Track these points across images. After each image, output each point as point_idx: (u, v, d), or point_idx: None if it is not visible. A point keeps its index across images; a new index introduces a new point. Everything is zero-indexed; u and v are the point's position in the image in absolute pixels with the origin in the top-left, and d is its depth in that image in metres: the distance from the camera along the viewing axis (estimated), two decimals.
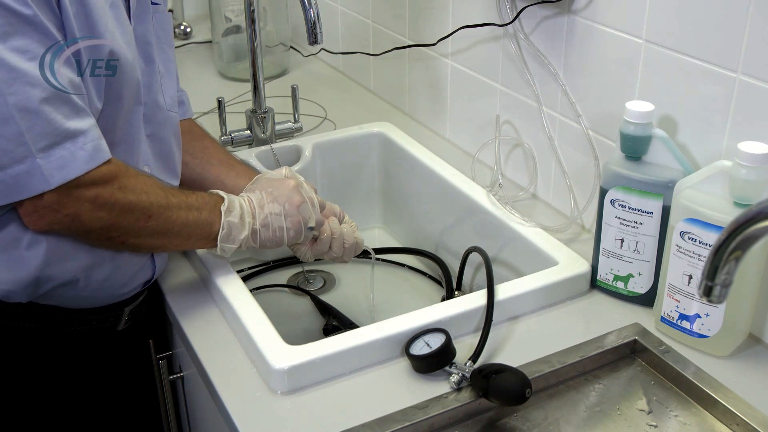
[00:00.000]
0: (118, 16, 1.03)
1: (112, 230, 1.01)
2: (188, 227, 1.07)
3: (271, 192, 1.15)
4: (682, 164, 1.07)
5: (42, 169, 0.92)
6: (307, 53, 2.07)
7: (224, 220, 1.10)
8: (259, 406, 0.98)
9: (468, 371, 0.99)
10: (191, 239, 1.10)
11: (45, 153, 0.92)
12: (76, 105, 0.94)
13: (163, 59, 1.16)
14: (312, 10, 1.31)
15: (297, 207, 1.14)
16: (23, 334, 1.09)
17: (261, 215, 1.12)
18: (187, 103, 1.32)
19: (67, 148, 0.93)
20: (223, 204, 1.11)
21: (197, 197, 1.09)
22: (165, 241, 1.08)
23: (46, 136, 0.92)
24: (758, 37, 0.97)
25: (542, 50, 1.30)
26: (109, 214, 0.99)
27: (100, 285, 1.10)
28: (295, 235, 1.15)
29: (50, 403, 1.14)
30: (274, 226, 1.13)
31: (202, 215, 1.08)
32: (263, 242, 1.13)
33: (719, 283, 0.76)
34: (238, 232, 1.11)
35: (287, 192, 1.15)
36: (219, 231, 1.10)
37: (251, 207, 1.13)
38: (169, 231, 1.06)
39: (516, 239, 1.26)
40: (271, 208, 1.13)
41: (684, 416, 0.99)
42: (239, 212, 1.11)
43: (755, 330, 1.07)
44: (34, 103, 0.90)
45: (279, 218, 1.13)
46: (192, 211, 1.07)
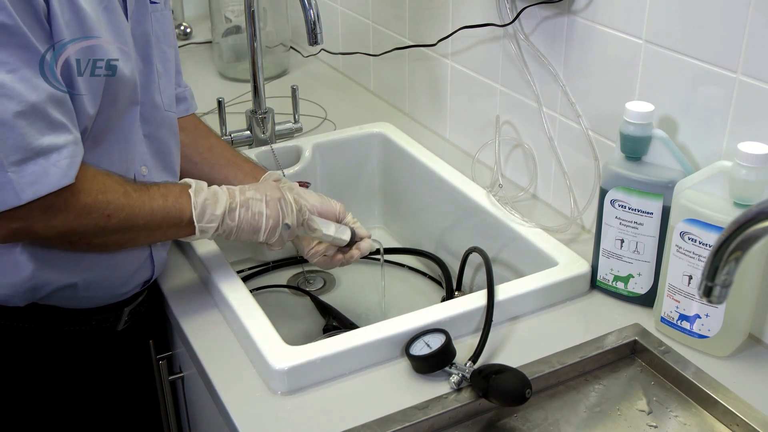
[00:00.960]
0: (112, 19, 1.02)
1: (71, 235, 0.99)
2: (154, 217, 1.03)
3: (254, 185, 1.13)
4: (682, 165, 1.07)
5: (14, 183, 0.90)
6: (307, 53, 2.07)
7: (194, 200, 1.06)
8: (259, 406, 0.98)
9: (468, 372, 0.99)
10: (161, 229, 1.06)
11: (17, 167, 0.90)
12: (53, 120, 0.92)
13: (162, 59, 1.15)
14: (312, 10, 1.31)
15: (277, 199, 1.11)
16: (23, 335, 1.09)
17: (241, 197, 1.09)
18: (190, 99, 1.32)
19: (40, 164, 0.91)
20: (191, 188, 1.07)
21: (160, 187, 1.06)
22: (132, 235, 1.04)
23: (18, 150, 0.90)
24: (758, 38, 0.97)
25: (542, 50, 1.30)
26: (64, 221, 0.96)
27: (98, 286, 1.10)
28: (273, 225, 1.10)
29: (50, 403, 1.14)
30: (253, 210, 1.09)
31: (167, 202, 1.04)
32: (241, 223, 1.09)
33: (719, 283, 0.76)
34: (213, 207, 1.07)
35: (268, 187, 1.13)
36: (191, 213, 1.06)
37: (228, 190, 1.10)
38: (134, 226, 1.02)
39: (516, 239, 1.26)
40: (251, 194, 1.10)
41: (684, 416, 0.99)
42: (211, 191, 1.08)
43: (755, 330, 1.07)
44: (7, 115, 0.88)
45: (260, 203, 1.10)
46: (155, 200, 1.04)
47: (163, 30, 1.16)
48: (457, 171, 1.43)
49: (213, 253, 1.19)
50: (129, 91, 1.05)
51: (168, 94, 1.17)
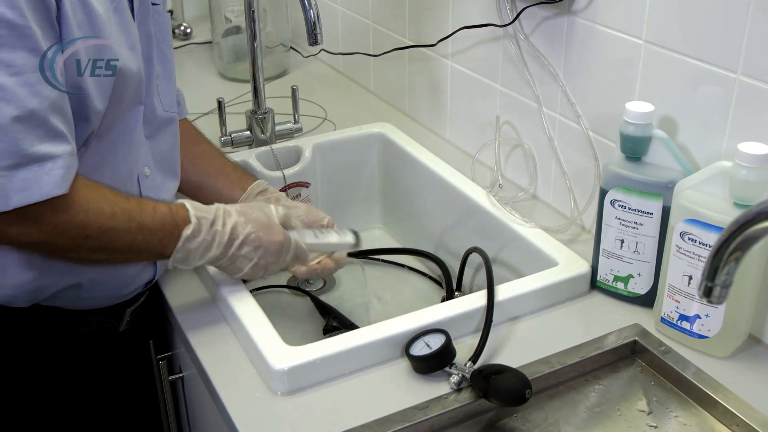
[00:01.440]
0: (122, 20, 1.02)
1: (45, 246, 0.97)
2: (135, 247, 1.01)
3: (260, 237, 1.07)
4: (682, 165, 1.07)
5: (3, 188, 0.88)
6: (307, 54, 2.07)
7: (181, 245, 1.02)
8: (259, 406, 0.98)
9: (468, 372, 0.99)
10: (140, 256, 1.06)
11: (8, 172, 0.88)
12: (52, 128, 0.91)
13: (161, 60, 1.15)
14: (312, 10, 1.31)
15: (266, 265, 1.09)
16: (24, 336, 1.09)
17: (234, 251, 1.06)
18: (182, 104, 1.32)
19: (33, 171, 0.89)
20: (187, 228, 1.02)
21: (156, 215, 1.01)
22: (110, 256, 1.03)
23: (11, 155, 0.88)
24: (758, 38, 0.97)
25: (542, 51, 1.30)
26: (39, 233, 0.94)
27: (101, 287, 1.10)
28: (249, 277, 1.10)
29: (51, 403, 1.14)
30: (237, 265, 1.07)
31: (155, 237, 1.01)
32: (218, 267, 1.09)
33: (719, 283, 0.76)
34: (195, 259, 1.05)
35: (271, 247, 1.08)
36: (173, 253, 1.03)
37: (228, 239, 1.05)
38: (112, 249, 1.00)
39: (516, 240, 1.26)
40: (247, 251, 1.07)
41: (684, 417, 0.99)
42: (206, 239, 1.04)
43: (755, 331, 1.07)
44: (4, 119, 0.87)
45: (247, 263, 1.07)
46: (143, 232, 1.00)
47: (162, 31, 1.16)
48: (457, 171, 1.43)
49: None
50: (134, 91, 1.05)
51: (168, 95, 1.17)
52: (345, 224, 1.62)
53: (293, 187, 1.51)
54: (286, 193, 1.50)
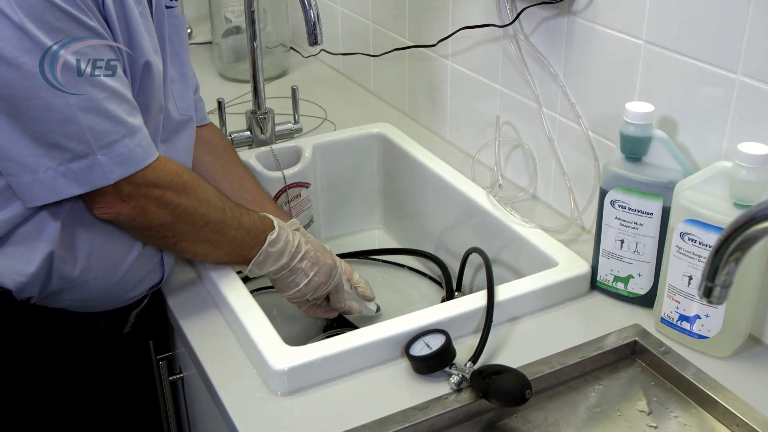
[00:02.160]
0: (147, 26, 1.05)
1: (169, 230, 1.05)
2: (233, 244, 1.11)
3: (317, 257, 1.18)
4: (682, 165, 1.07)
5: (102, 165, 0.95)
6: (307, 54, 2.07)
7: (265, 248, 1.12)
8: (259, 406, 0.98)
9: (468, 372, 0.99)
10: (231, 255, 1.13)
11: (107, 149, 0.95)
12: (131, 102, 0.98)
13: (177, 63, 1.16)
14: (312, 11, 1.31)
15: (318, 285, 1.18)
16: (29, 338, 1.08)
17: (297, 263, 1.15)
18: (203, 110, 1.33)
19: (126, 145, 0.96)
20: (272, 233, 1.13)
21: (250, 219, 1.12)
22: (210, 250, 1.11)
23: (108, 133, 0.95)
24: (758, 38, 0.97)
25: (542, 51, 1.30)
26: (171, 214, 1.03)
27: (110, 288, 1.10)
28: (299, 296, 1.18)
29: (52, 404, 1.14)
30: (295, 279, 1.16)
31: (248, 237, 1.12)
32: (277, 279, 1.17)
33: (719, 284, 0.76)
34: (272, 263, 1.14)
35: (323, 268, 1.18)
36: (255, 256, 1.12)
37: (296, 250, 1.16)
38: (217, 242, 1.10)
39: (516, 240, 1.26)
40: (306, 266, 1.16)
41: (684, 417, 0.99)
42: (282, 246, 1.14)
43: (755, 331, 1.07)
44: (96, 101, 0.93)
45: (303, 278, 1.16)
46: (242, 231, 1.10)
47: (177, 34, 1.16)
48: (457, 171, 1.43)
49: None
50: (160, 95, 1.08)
51: (184, 98, 1.17)
52: (345, 224, 1.63)
53: (293, 187, 1.51)
54: (286, 193, 1.50)
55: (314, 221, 1.57)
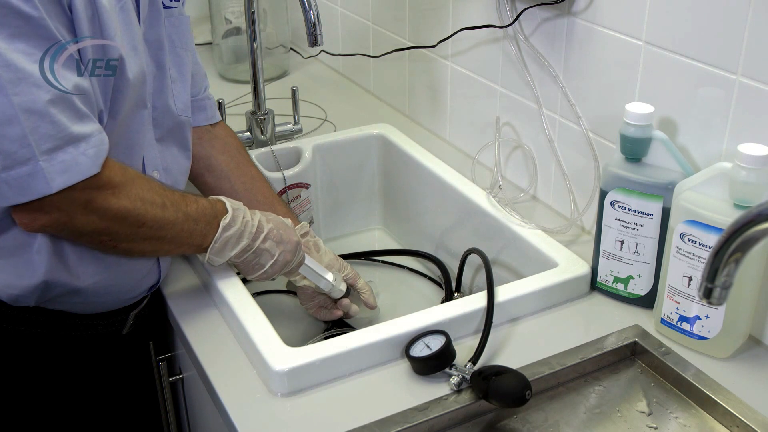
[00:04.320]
0: (126, 20, 1.02)
1: (103, 234, 1.00)
2: (181, 236, 1.06)
3: (280, 234, 1.14)
4: (682, 166, 1.07)
5: (44, 172, 0.90)
6: (307, 55, 2.07)
7: (220, 234, 1.08)
8: (259, 407, 0.98)
9: (468, 373, 0.99)
10: (182, 246, 1.09)
11: (48, 156, 0.90)
12: (79, 109, 0.93)
13: (177, 63, 1.15)
14: (312, 11, 1.31)
15: (284, 263, 1.14)
16: (29, 339, 1.08)
17: (260, 244, 1.11)
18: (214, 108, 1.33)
19: (70, 153, 0.92)
20: (225, 217, 1.09)
21: (198, 207, 1.07)
22: (156, 246, 1.07)
23: (50, 138, 0.90)
24: (758, 40, 0.97)
25: (542, 52, 1.30)
26: (101, 219, 0.97)
27: (107, 290, 1.10)
28: (266, 277, 1.15)
29: (52, 404, 1.14)
30: (260, 260, 1.13)
31: (197, 227, 1.07)
32: (242, 263, 1.13)
33: (719, 285, 0.76)
34: (230, 249, 1.10)
35: (288, 246, 1.14)
36: (211, 243, 1.08)
37: (256, 230, 1.12)
38: (161, 238, 1.04)
39: (516, 241, 1.26)
40: (270, 246, 1.12)
41: (684, 418, 0.99)
42: (240, 228, 1.10)
43: (755, 332, 1.07)
44: (40, 104, 0.89)
45: (269, 259, 1.13)
46: (188, 222, 1.05)
47: (179, 34, 1.16)
48: (457, 172, 1.43)
49: None
50: (136, 94, 1.05)
51: (182, 99, 1.17)
52: (345, 225, 1.63)
53: (293, 188, 1.51)
54: (286, 194, 1.50)
55: (314, 222, 1.57)
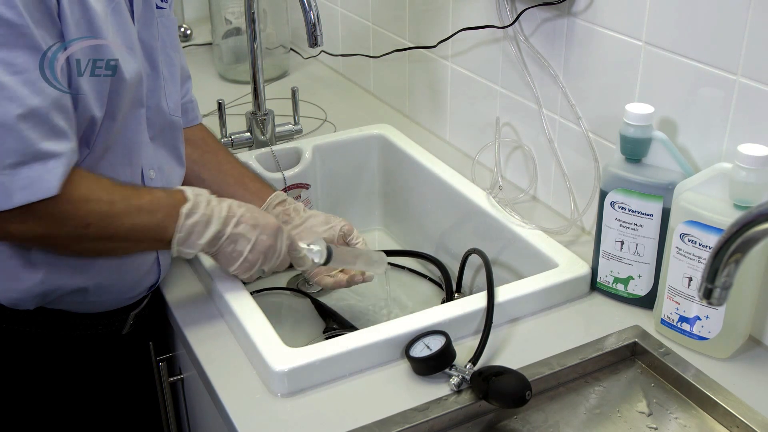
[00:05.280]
0: (120, 21, 1.02)
1: (48, 240, 0.97)
2: (135, 232, 1.01)
3: (255, 218, 1.08)
4: (682, 166, 1.07)
5: (5, 186, 0.88)
6: (307, 55, 2.07)
7: (182, 223, 1.02)
8: (259, 408, 0.98)
9: (468, 373, 0.99)
10: (142, 243, 1.04)
11: (11, 170, 0.88)
12: (54, 126, 0.91)
13: (167, 63, 1.15)
14: (312, 12, 1.31)
15: (266, 248, 1.08)
16: (28, 339, 1.09)
17: (233, 229, 1.06)
18: (196, 110, 1.32)
19: (35, 170, 0.89)
20: (185, 205, 1.03)
21: (152, 198, 1.02)
22: (112, 245, 1.02)
23: (15, 153, 0.88)
24: (758, 40, 0.97)
25: (542, 52, 1.30)
26: (41, 226, 0.94)
27: (107, 290, 1.10)
28: (248, 267, 1.08)
29: (52, 404, 1.14)
30: (237, 247, 1.06)
31: (154, 218, 1.01)
32: (219, 252, 1.07)
33: (719, 285, 0.76)
34: (198, 236, 1.03)
35: (266, 229, 1.08)
36: (175, 234, 1.02)
37: (227, 214, 1.06)
38: (113, 236, 0.99)
39: (516, 241, 1.26)
40: (245, 229, 1.06)
41: (684, 418, 0.99)
42: (205, 216, 1.04)
43: (755, 332, 1.07)
44: (8, 117, 0.87)
45: (246, 244, 1.07)
46: (142, 215, 1.00)
47: (169, 35, 1.16)
48: (457, 173, 1.43)
49: None
50: (133, 94, 1.05)
51: (173, 98, 1.17)
52: None
53: (293, 188, 1.51)
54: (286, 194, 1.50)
55: None
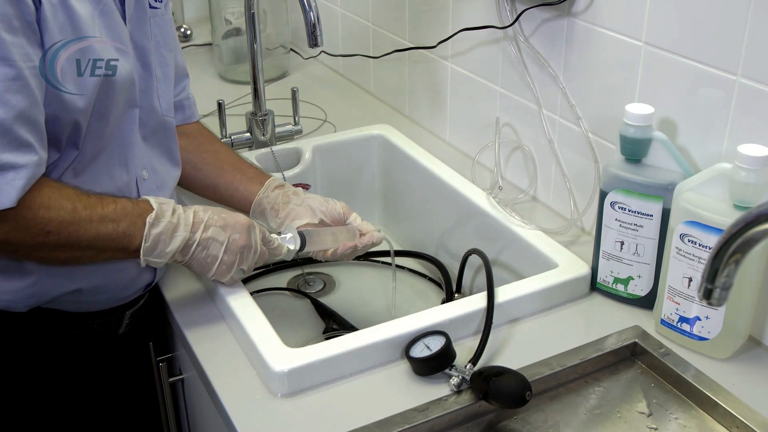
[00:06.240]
0: (108, 22, 1.02)
1: (9, 246, 0.96)
2: (99, 241, 0.99)
3: (224, 218, 1.07)
4: (682, 167, 1.07)
5: None
6: (307, 56, 2.07)
7: (147, 231, 1.01)
8: (259, 408, 0.98)
9: (468, 374, 0.99)
10: (107, 252, 1.01)
11: None
12: (17, 138, 0.90)
13: (161, 63, 1.15)
14: (312, 12, 1.31)
15: (240, 247, 1.07)
16: (25, 338, 1.09)
17: (203, 234, 1.05)
18: (194, 108, 1.32)
19: None
20: (150, 214, 1.02)
21: (117, 207, 1.01)
22: (75, 254, 1.00)
23: None
24: (758, 40, 0.97)
25: (542, 53, 1.30)
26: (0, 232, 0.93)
27: (100, 290, 1.10)
28: (226, 271, 1.08)
29: (51, 405, 1.14)
30: (210, 252, 1.06)
31: (119, 227, 1.00)
32: (192, 260, 1.06)
33: (719, 285, 0.76)
34: (165, 245, 1.03)
35: (237, 227, 1.07)
36: (141, 243, 1.01)
37: (194, 220, 1.05)
38: (75, 245, 0.98)
39: (516, 242, 1.26)
40: (215, 233, 1.05)
41: (684, 419, 0.99)
42: (171, 225, 1.03)
43: (755, 332, 1.07)
44: None
45: (219, 247, 1.06)
46: (106, 223, 0.99)
47: (163, 35, 1.15)
48: (457, 173, 1.43)
49: None
50: (126, 94, 1.05)
51: (166, 99, 1.17)
52: None
53: None
54: None
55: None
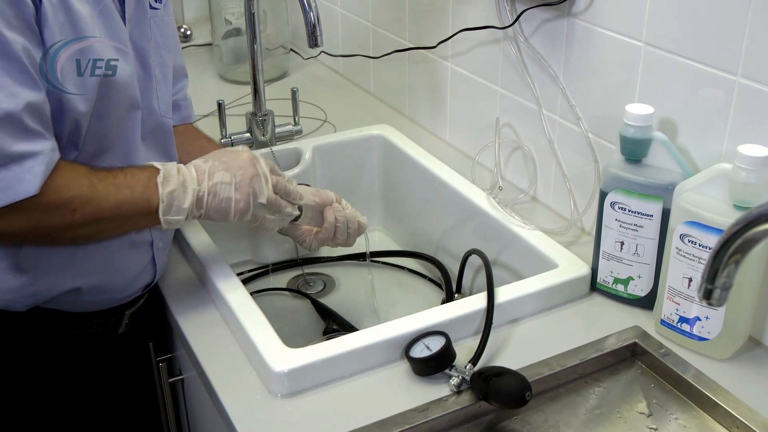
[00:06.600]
0: (108, 23, 1.02)
1: (38, 231, 0.98)
2: (121, 208, 1.01)
3: (225, 161, 1.07)
4: (682, 167, 1.07)
5: None
6: (307, 56, 2.07)
7: (161, 193, 1.02)
8: (259, 408, 0.98)
9: (468, 374, 0.99)
10: (130, 219, 1.03)
11: None
12: (28, 129, 0.92)
13: (160, 64, 1.15)
14: (312, 12, 1.31)
15: (249, 179, 1.07)
16: (24, 338, 1.09)
17: (209, 183, 1.05)
18: (189, 109, 1.32)
19: (13, 170, 0.91)
20: (159, 175, 1.03)
21: (127, 175, 1.02)
22: (100, 227, 1.02)
23: None
24: (758, 40, 0.97)
25: (542, 53, 1.30)
26: (29, 219, 0.95)
27: (99, 290, 1.10)
28: (244, 207, 1.07)
29: (51, 405, 1.14)
30: (221, 196, 1.05)
31: (134, 192, 1.01)
32: (209, 210, 1.06)
33: (719, 286, 0.76)
34: (180, 201, 1.03)
35: (240, 163, 1.07)
36: (158, 205, 1.02)
37: (197, 173, 1.05)
38: (100, 217, 1.00)
39: (516, 242, 1.26)
40: (221, 176, 1.05)
41: (684, 419, 0.99)
42: (179, 180, 1.04)
43: (755, 333, 1.07)
44: None
45: (228, 188, 1.05)
46: (122, 190, 1.00)
47: (163, 36, 1.15)
48: (457, 173, 1.43)
49: (213, 256, 1.20)
50: (128, 95, 1.05)
51: (165, 100, 1.17)
52: None
53: None
54: None
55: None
